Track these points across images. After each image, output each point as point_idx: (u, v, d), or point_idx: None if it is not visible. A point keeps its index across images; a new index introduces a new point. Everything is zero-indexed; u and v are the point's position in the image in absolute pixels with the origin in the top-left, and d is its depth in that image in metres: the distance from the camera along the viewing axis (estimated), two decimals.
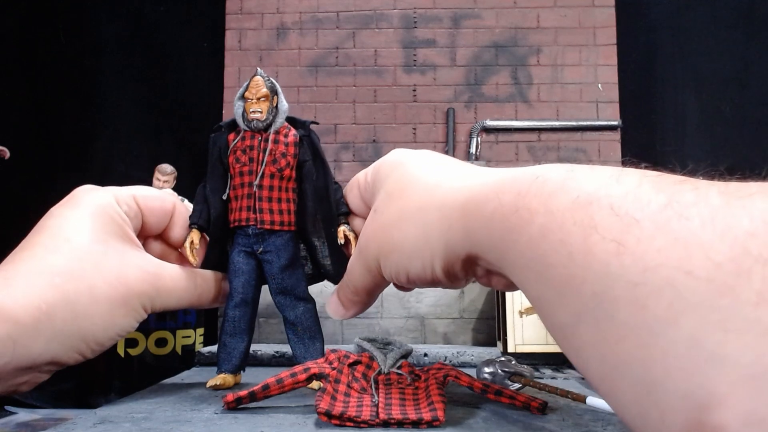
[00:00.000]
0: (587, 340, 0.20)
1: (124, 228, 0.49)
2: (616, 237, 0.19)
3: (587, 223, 0.21)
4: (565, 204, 0.22)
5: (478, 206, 0.27)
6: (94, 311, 0.43)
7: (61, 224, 0.47)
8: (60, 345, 0.41)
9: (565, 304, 0.21)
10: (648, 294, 0.18)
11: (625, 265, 0.19)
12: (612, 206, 0.20)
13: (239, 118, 0.56)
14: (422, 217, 0.31)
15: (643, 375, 0.18)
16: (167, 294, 0.49)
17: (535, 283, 0.24)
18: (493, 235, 0.26)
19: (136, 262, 0.47)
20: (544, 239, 0.22)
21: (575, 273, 0.20)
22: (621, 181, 0.21)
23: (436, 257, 0.30)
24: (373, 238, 0.35)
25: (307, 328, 0.56)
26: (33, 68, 2.14)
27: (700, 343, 0.16)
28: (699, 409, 0.16)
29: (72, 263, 0.44)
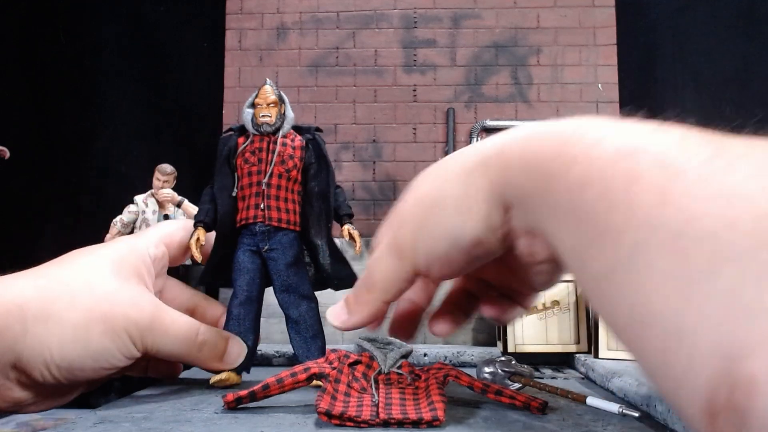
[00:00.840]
0: (620, 290, 0.20)
1: (139, 270, 0.48)
2: (660, 187, 0.19)
3: (630, 173, 0.20)
4: (607, 153, 0.22)
5: (518, 151, 0.26)
6: (68, 317, 0.41)
7: (82, 251, 0.47)
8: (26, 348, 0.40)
9: (601, 253, 0.21)
10: (689, 244, 0.18)
11: (668, 215, 0.19)
12: (656, 156, 0.20)
13: (248, 123, 0.59)
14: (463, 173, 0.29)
15: (677, 324, 0.18)
16: (163, 333, 0.46)
17: (572, 233, 0.23)
18: (532, 182, 0.25)
19: (133, 290, 0.46)
20: (585, 188, 0.22)
21: (615, 223, 0.20)
22: (666, 133, 0.21)
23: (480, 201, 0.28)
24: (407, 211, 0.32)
25: (309, 327, 0.56)
26: (33, 68, 2.14)
27: (737, 294, 0.16)
28: (730, 358, 0.16)
29: (65, 274, 0.44)
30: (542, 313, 0.81)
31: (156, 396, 0.50)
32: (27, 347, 0.40)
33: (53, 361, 0.41)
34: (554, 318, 0.81)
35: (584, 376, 0.71)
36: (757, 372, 0.15)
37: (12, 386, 0.41)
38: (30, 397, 0.42)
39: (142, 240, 0.52)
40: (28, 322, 0.40)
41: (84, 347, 0.42)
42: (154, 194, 1.86)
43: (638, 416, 0.44)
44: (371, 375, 0.48)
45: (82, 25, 2.16)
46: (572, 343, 0.80)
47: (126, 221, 1.83)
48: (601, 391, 0.60)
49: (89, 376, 0.43)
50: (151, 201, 1.86)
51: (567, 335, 0.80)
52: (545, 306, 0.82)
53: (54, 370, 0.41)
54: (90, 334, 0.42)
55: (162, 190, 1.84)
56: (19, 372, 0.41)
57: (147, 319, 0.45)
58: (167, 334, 0.47)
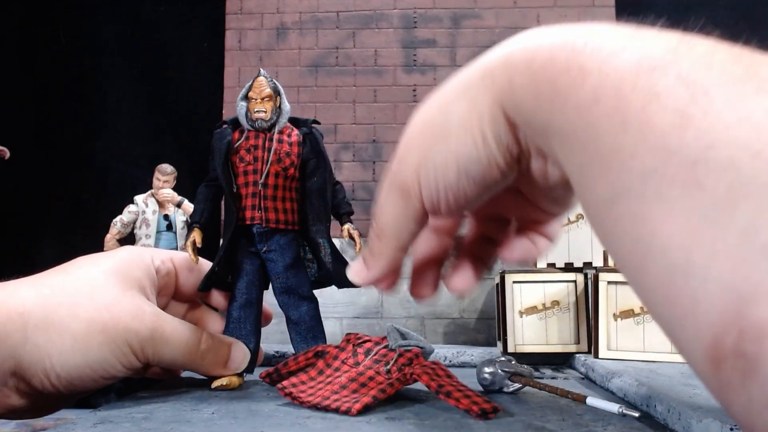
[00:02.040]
0: (624, 218, 0.19)
1: (141, 281, 0.48)
2: (680, 107, 0.17)
3: (649, 90, 0.18)
4: (624, 66, 0.20)
5: (524, 61, 0.23)
6: (69, 326, 0.41)
7: (85, 259, 0.47)
8: (26, 355, 0.39)
9: (608, 177, 0.19)
10: (707, 174, 0.16)
11: (686, 140, 0.17)
12: (680, 73, 0.18)
13: (242, 118, 0.56)
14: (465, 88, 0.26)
15: (684, 260, 0.16)
16: (163, 342, 0.46)
17: (579, 153, 0.21)
18: (539, 96, 0.23)
19: (134, 300, 0.45)
20: (597, 104, 0.20)
21: (626, 144, 0.19)
22: (692, 47, 0.19)
23: (486, 121, 0.25)
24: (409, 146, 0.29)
25: (310, 328, 0.56)
26: (33, 68, 2.14)
27: (755, 232, 0.15)
28: (740, 300, 0.15)
29: (67, 282, 0.43)
30: (542, 313, 0.81)
31: (156, 396, 0.50)
32: (27, 355, 0.40)
33: (53, 370, 0.41)
34: (554, 318, 0.81)
35: (584, 376, 0.71)
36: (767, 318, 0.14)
37: (10, 393, 0.41)
38: (27, 404, 0.42)
39: (148, 251, 0.52)
40: (29, 331, 0.39)
41: (84, 357, 0.42)
42: (154, 194, 1.86)
43: (638, 416, 0.44)
44: (375, 349, 0.49)
45: (82, 25, 2.16)
46: (572, 343, 0.80)
47: (126, 221, 1.83)
48: (601, 391, 0.60)
49: (88, 385, 0.43)
50: (151, 201, 1.86)
51: (567, 335, 0.80)
52: (545, 306, 0.82)
53: (53, 379, 0.41)
54: (90, 344, 0.42)
55: (162, 190, 1.84)
56: (19, 379, 0.40)
57: (148, 330, 0.45)
58: (168, 344, 0.46)
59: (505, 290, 0.82)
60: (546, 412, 0.46)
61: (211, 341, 0.50)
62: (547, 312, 0.81)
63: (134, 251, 0.50)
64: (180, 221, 1.90)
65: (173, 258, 0.53)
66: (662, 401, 0.45)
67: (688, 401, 0.43)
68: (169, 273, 0.52)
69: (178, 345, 0.47)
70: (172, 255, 0.53)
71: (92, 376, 0.43)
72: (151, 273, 0.49)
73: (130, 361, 0.44)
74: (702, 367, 0.16)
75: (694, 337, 0.16)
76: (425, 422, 0.42)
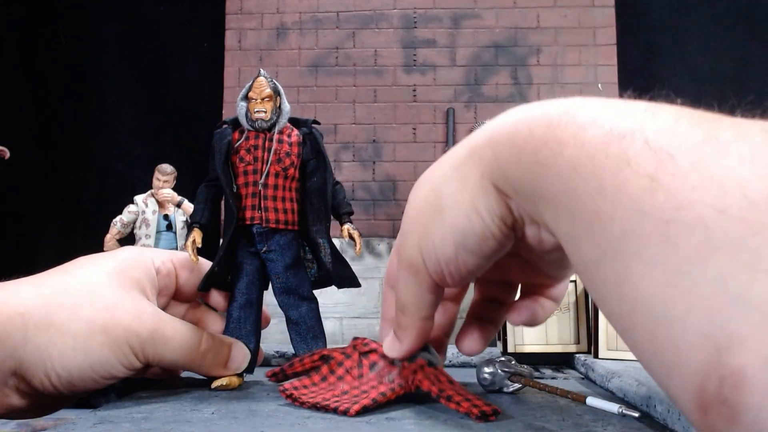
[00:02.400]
0: (610, 277, 0.20)
1: (142, 281, 0.48)
2: (650, 172, 0.19)
3: (620, 157, 0.20)
4: (597, 136, 0.21)
5: (507, 138, 0.25)
6: (70, 327, 0.41)
7: (86, 259, 0.47)
8: (26, 356, 0.40)
9: (591, 239, 0.21)
10: (679, 232, 0.17)
11: (657, 202, 0.18)
12: (647, 140, 0.19)
13: (242, 118, 0.56)
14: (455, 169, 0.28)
15: (664, 313, 0.17)
16: (164, 342, 0.46)
17: (564, 219, 0.23)
18: (524, 168, 0.24)
19: (134, 301, 0.46)
20: (575, 172, 0.21)
21: (604, 208, 0.20)
22: (657, 115, 0.20)
23: (477, 196, 0.27)
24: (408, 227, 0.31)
25: (310, 328, 0.56)
26: (33, 68, 2.14)
27: (726, 283, 0.16)
28: (718, 349, 0.16)
29: (68, 283, 0.43)
30: None
31: (156, 396, 0.50)
32: (27, 355, 0.40)
33: (53, 371, 0.41)
34: (554, 318, 0.81)
35: (584, 376, 0.71)
36: (746, 365, 0.15)
37: (10, 393, 0.41)
38: (27, 404, 0.42)
39: (148, 251, 0.52)
40: (29, 331, 0.40)
41: (84, 358, 0.42)
42: (154, 194, 1.86)
43: (638, 416, 0.44)
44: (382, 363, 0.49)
45: (82, 25, 2.16)
46: (572, 343, 0.80)
47: (126, 221, 1.83)
48: (601, 391, 0.60)
49: (89, 386, 0.43)
50: (151, 201, 1.86)
51: (567, 335, 0.80)
52: None
53: (54, 380, 0.41)
54: (90, 344, 0.42)
55: (162, 190, 1.84)
56: (19, 379, 0.40)
57: (148, 330, 0.45)
58: (168, 345, 0.46)
59: None
60: (546, 412, 0.46)
61: (211, 341, 0.50)
62: None
63: (134, 251, 0.50)
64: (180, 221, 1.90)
65: (173, 258, 0.53)
66: (662, 401, 0.45)
67: None
68: (169, 273, 0.52)
69: (179, 345, 0.47)
70: (172, 255, 0.53)
71: (93, 377, 0.43)
72: (151, 273, 0.49)
73: (130, 361, 0.45)
74: (691, 414, 0.17)
75: (682, 386, 0.17)
76: (425, 422, 0.42)
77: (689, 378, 0.17)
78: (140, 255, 0.50)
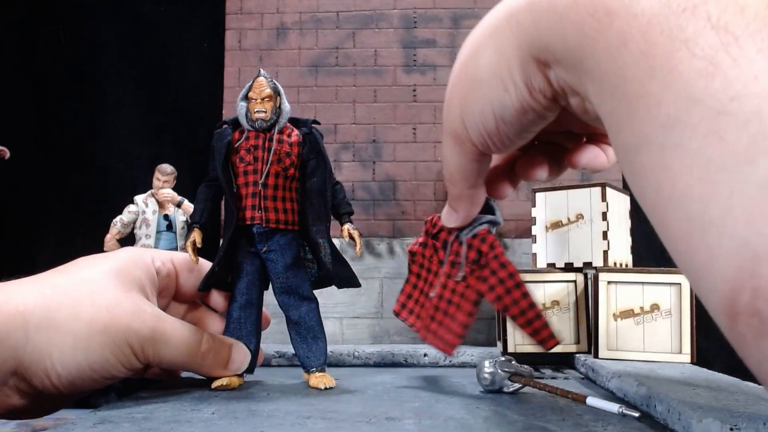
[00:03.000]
0: (648, 166, 0.18)
1: (142, 282, 0.48)
2: (708, 54, 0.17)
3: (677, 35, 0.18)
4: (652, 8, 0.19)
5: (548, 3, 0.23)
6: (70, 327, 0.41)
7: (86, 260, 0.47)
8: (27, 355, 0.39)
9: (634, 123, 0.19)
10: (730, 125, 0.16)
11: (711, 90, 0.16)
12: (710, 17, 0.17)
13: (242, 118, 0.56)
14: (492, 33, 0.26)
15: (701, 213, 0.16)
16: (164, 342, 0.46)
17: (608, 97, 0.21)
18: (568, 40, 0.22)
19: (135, 301, 0.45)
20: (624, 48, 0.19)
21: (652, 90, 0.18)
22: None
23: (514, 67, 0.25)
24: (451, 94, 0.29)
25: (310, 328, 0.56)
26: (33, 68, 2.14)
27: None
28: (755, 258, 0.14)
29: (68, 283, 0.43)
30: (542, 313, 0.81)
31: (156, 396, 0.50)
32: (28, 355, 0.40)
33: (54, 370, 0.41)
34: (554, 318, 0.81)
35: (584, 376, 0.71)
36: None
37: (11, 393, 0.41)
38: (28, 404, 0.42)
39: (149, 252, 0.52)
40: (30, 330, 0.40)
41: (85, 357, 0.42)
42: (154, 194, 1.86)
43: (638, 416, 0.44)
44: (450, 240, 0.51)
45: (82, 25, 2.16)
46: (572, 343, 0.80)
47: (126, 221, 1.83)
48: (601, 391, 0.60)
49: (89, 385, 0.43)
50: (151, 201, 1.86)
51: (567, 335, 0.80)
52: (545, 306, 0.82)
53: (54, 379, 0.41)
54: (91, 344, 0.42)
55: (162, 190, 1.84)
56: (19, 379, 0.40)
57: (148, 330, 0.45)
58: (169, 345, 0.46)
59: None
60: (546, 412, 0.46)
61: (211, 342, 0.50)
62: (547, 312, 0.81)
63: (135, 252, 0.50)
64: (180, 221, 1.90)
65: (173, 259, 0.53)
66: (662, 401, 0.45)
67: (688, 401, 0.43)
68: (169, 274, 0.52)
69: (179, 346, 0.47)
70: (173, 256, 0.53)
71: (93, 376, 0.43)
72: (151, 274, 0.49)
73: (130, 361, 0.44)
74: (720, 319, 0.16)
75: (712, 290, 0.16)
76: (425, 422, 0.42)
77: (721, 284, 0.16)
78: (141, 255, 0.50)
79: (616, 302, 0.74)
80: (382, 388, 0.56)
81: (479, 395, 0.49)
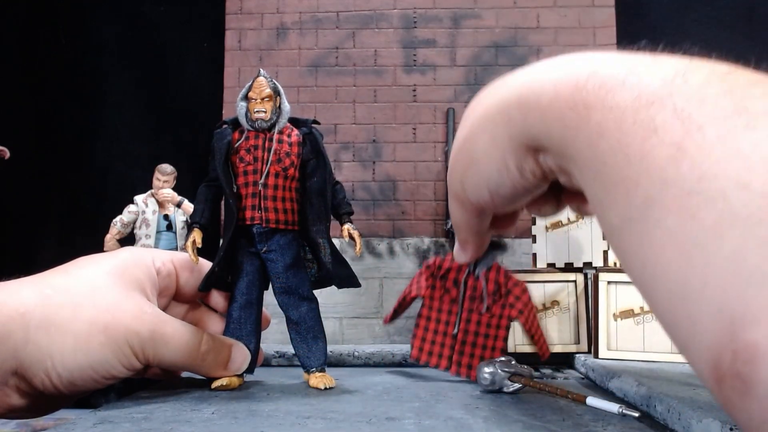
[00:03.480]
0: (633, 244, 0.20)
1: (142, 282, 0.48)
2: (676, 141, 0.19)
3: (647, 125, 0.20)
4: (624, 102, 0.21)
5: (535, 97, 0.25)
6: (70, 327, 0.41)
7: (87, 260, 0.47)
8: (27, 355, 0.39)
9: (616, 206, 0.21)
10: (699, 204, 0.17)
11: (681, 172, 0.18)
12: (675, 108, 0.19)
13: (242, 118, 0.55)
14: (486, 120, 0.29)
15: (683, 285, 0.18)
16: (164, 343, 0.46)
17: (592, 182, 0.23)
18: (552, 131, 0.25)
19: (135, 301, 0.45)
20: (602, 138, 0.22)
21: (629, 176, 0.20)
22: (687, 79, 0.20)
23: (506, 154, 0.28)
24: (453, 162, 0.33)
25: (310, 328, 0.56)
26: (33, 68, 2.14)
27: (742, 259, 0.16)
28: (732, 324, 0.16)
29: (69, 283, 0.43)
30: (542, 313, 0.81)
31: (156, 396, 0.50)
32: (28, 355, 0.40)
33: (54, 370, 0.41)
34: (554, 318, 0.81)
35: (584, 376, 0.71)
36: (760, 340, 0.15)
37: (11, 393, 0.41)
38: (28, 404, 0.42)
39: (149, 252, 0.52)
40: (30, 331, 0.39)
41: (85, 357, 0.42)
42: (154, 194, 1.86)
43: (638, 416, 0.44)
44: (462, 279, 0.56)
45: (82, 25, 2.16)
46: (572, 343, 0.80)
47: (126, 221, 1.83)
48: (601, 391, 0.60)
49: (89, 386, 0.43)
50: (151, 201, 1.86)
51: (567, 335, 0.80)
52: (545, 306, 0.82)
53: (54, 379, 0.41)
54: (91, 344, 0.42)
55: (162, 190, 1.84)
56: (20, 379, 0.40)
57: (148, 331, 0.45)
58: (169, 346, 0.46)
59: None
60: (546, 412, 0.46)
61: (211, 342, 0.50)
62: (547, 312, 0.81)
63: (135, 252, 0.50)
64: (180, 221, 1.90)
65: (174, 259, 0.53)
66: (662, 401, 0.45)
67: (688, 401, 0.43)
68: (169, 274, 0.52)
69: (179, 346, 0.47)
70: (173, 256, 0.53)
71: (93, 377, 0.43)
72: (152, 274, 0.49)
73: (130, 361, 0.44)
74: (708, 383, 0.18)
75: (698, 356, 0.18)
76: (425, 422, 0.42)
77: (705, 350, 0.17)
78: (141, 256, 0.50)
79: (616, 302, 0.74)
80: (382, 388, 0.56)
81: (479, 395, 0.49)
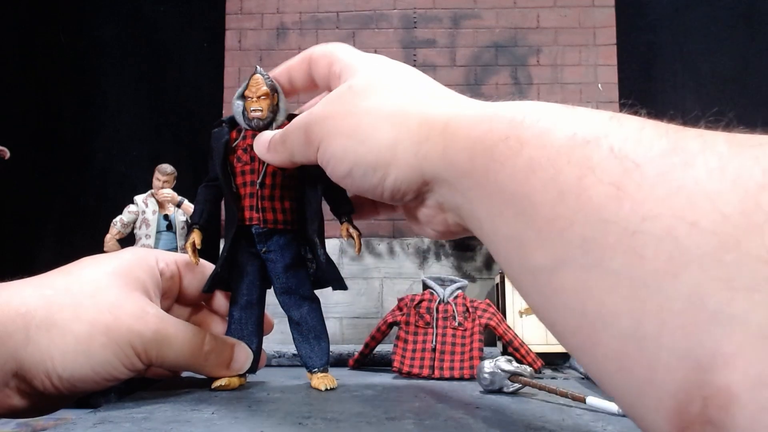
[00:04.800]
0: (568, 287, 0.19)
1: (145, 283, 0.48)
2: (614, 181, 0.18)
3: (584, 163, 0.19)
4: (560, 140, 0.20)
5: (466, 126, 0.25)
6: (72, 328, 0.41)
7: (89, 260, 0.47)
8: (28, 356, 0.39)
9: (546, 246, 0.20)
10: (646, 244, 0.17)
11: (622, 212, 0.17)
12: (612, 148, 0.19)
13: (239, 116, 0.55)
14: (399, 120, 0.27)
15: (635, 329, 0.17)
16: (167, 344, 0.46)
17: (512, 221, 0.22)
18: (475, 161, 0.23)
19: (138, 302, 0.45)
20: (533, 174, 0.21)
21: (563, 214, 0.19)
22: (622, 123, 0.20)
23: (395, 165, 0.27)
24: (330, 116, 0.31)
25: (312, 328, 0.55)
26: (33, 68, 2.14)
27: (702, 300, 0.15)
28: (700, 368, 0.15)
29: (70, 283, 0.43)
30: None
31: (156, 396, 0.50)
32: (29, 356, 0.39)
33: (55, 372, 0.41)
34: None
35: (584, 376, 0.71)
36: (734, 384, 0.14)
37: (11, 394, 0.40)
38: (28, 405, 0.42)
39: (152, 253, 0.51)
40: (31, 331, 0.39)
41: (86, 359, 0.42)
42: (154, 194, 1.86)
43: None
44: (433, 307, 0.62)
45: (82, 25, 2.16)
46: None
47: (126, 221, 1.83)
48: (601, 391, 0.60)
49: (90, 387, 0.43)
50: (151, 201, 1.86)
51: None
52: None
53: (56, 380, 0.41)
54: (93, 345, 0.42)
55: (162, 191, 1.84)
56: (20, 380, 0.40)
57: (151, 332, 0.45)
58: (172, 346, 0.46)
59: (505, 290, 0.82)
60: (546, 412, 0.46)
61: (214, 342, 0.50)
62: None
63: (138, 253, 0.50)
64: (180, 221, 1.90)
65: (177, 260, 0.53)
66: None
67: None
68: (173, 276, 0.52)
69: (182, 347, 0.47)
70: (177, 257, 0.53)
71: (94, 378, 0.43)
72: (155, 275, 0.49)
73: (132, 362, 0.44)
74: None
75: (655, 405, 0.16)
76: (425, 422, 0.42)
77: (666, 398, 0.16)
78: (144, 256, 0.50)
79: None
80: (382, 388, 0.56)
81: (479, 395, 0.49)
